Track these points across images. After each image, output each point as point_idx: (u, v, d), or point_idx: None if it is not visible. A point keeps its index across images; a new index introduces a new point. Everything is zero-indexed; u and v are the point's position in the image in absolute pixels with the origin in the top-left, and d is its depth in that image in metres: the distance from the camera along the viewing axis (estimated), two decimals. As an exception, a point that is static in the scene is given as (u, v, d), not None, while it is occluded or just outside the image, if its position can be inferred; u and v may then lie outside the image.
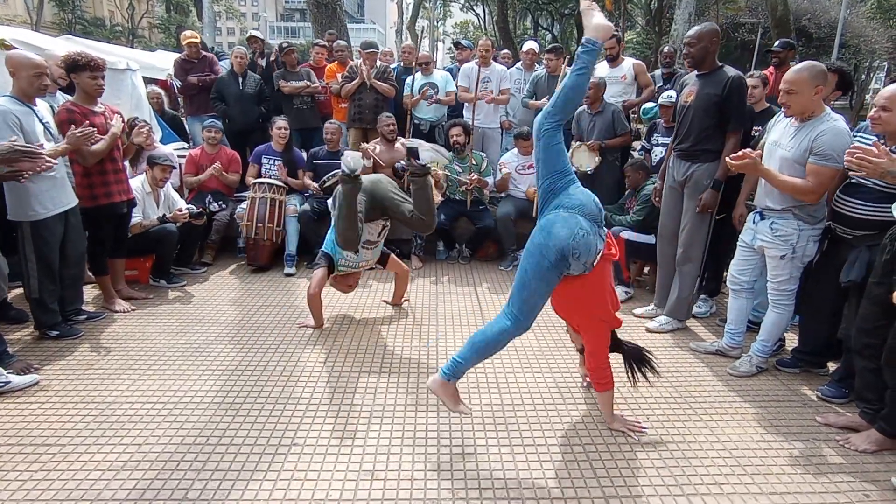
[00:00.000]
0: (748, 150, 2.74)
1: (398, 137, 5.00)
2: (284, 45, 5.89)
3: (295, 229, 4.65)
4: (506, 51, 7.07)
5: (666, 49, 6.02)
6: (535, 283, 2.17)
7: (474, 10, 33.83)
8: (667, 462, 2.28)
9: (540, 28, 30.62)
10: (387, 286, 4.31)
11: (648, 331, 3.54)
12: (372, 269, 4.66)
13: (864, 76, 26.92)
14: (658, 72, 5.68)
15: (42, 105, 3.17)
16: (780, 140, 2.80)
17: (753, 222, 2.97)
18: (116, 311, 3.67)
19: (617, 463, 2.27)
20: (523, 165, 4.91)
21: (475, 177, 4.76)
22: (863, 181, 2.54)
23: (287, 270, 4.53)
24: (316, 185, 4.75)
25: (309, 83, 5.65)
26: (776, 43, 5.32)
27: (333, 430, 2.45)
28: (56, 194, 3.12)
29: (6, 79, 3.11)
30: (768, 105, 3.71)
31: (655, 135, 4.68)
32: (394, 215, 3.41)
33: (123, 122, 3.62)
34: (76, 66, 3.28)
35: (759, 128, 3.49)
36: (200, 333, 3.39)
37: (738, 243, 3.11)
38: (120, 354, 3.11)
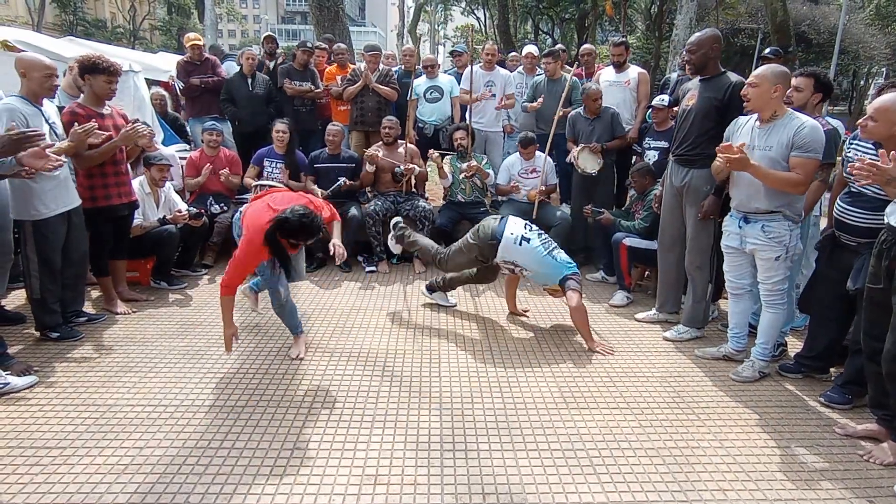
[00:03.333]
0: (739, 143, 2.75)
1: (399, 141, 5.00)
2: (308, 44, 5.84)
3: (296, 232, 4.63)
4: (514, 53, 7.05)
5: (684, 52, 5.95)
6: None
7: (475, 14, 33.89)
8: (670, 468, 2.27)
9: (540, 32, 30.69)
10: (388, 288, 4.30)
11: (666, 339, 3.49)
12: (373, 271, 4.67)
13: (862, 82, 27.03)
14: (674, 74, 5.61)
15: (49, 106, 3.17)
16: (750, 143, 2.84)
17: (738, 226, 2.97)
18: (117, 313, 3.65)
19: (621, 468, 2.26)
20: (526, 169, 4.91)
21: (474, 164, 4.78)
22: (863, 190, 2.55)
23: (288, 273, 4.51)
24: (321, 190, 4.73)
25: (313, 87, 5.63)
26: (767, 50, 5.33)
27: (336, 434, 2.44)
28: (59, 194, 3.11)
29: (9, 79, 3.12)
30: None
31: (647, 138, 4.70)
32: None
33: (132, 125, 3.59)
34: (95, 68, 3.27)
35: None
36: (201, 336, 3.38)
37: (723, 249, 3.11)
38: (121, 357, 3.10)
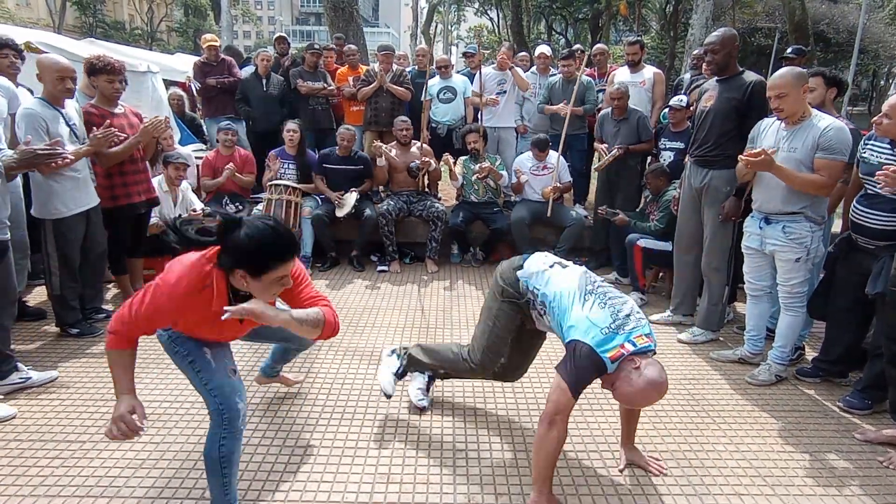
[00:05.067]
0: (764, 147, 2.74)
1: (413, 141, 5.02)
2: (316, 46, 5.92)
3: (310, 231, 4.67)
4: (523, 53, 7.03)
5: (696, 52, 5.88)
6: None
7: (488, 15, 33.90)
8: (685, 472, 2.25)
9: (553, 32, 30.60)
10: (401, 288, 4.32)
11: (681, 342, 3.46)
12: (385, 271, 4.69)
13: (882, 82, 26.55)
14: (687, 75, 5.56)
15: (70, 107, 3.22)
16: (775, 145, 2.81)
17: (759, 227, 2.94)
18: (134, 310, 3.70)
19: (634, 471, 2.24)
20: (538, 167, 4.90)
21: (486, 165, 4.78)
22: (880, 192, 2.52)
23: (302, 272, 4.55)
24: (334, 193, 4.77)
25: (326, 85, 5.69)
26: (789, 49, 5.26)
27: (349, 432, 2.46)
28: (78, 194, 3.17)
29: (34, 79, 3.18)
30: None
31: (663, 139, 4.66)
32: None
33: (150, 120, 3.64)
34: (94, 69, 3.33)
35: None
36: (217, 333, 3.41)
37: (744, 250, 3.09)
38: (138, 353, 3.11)
